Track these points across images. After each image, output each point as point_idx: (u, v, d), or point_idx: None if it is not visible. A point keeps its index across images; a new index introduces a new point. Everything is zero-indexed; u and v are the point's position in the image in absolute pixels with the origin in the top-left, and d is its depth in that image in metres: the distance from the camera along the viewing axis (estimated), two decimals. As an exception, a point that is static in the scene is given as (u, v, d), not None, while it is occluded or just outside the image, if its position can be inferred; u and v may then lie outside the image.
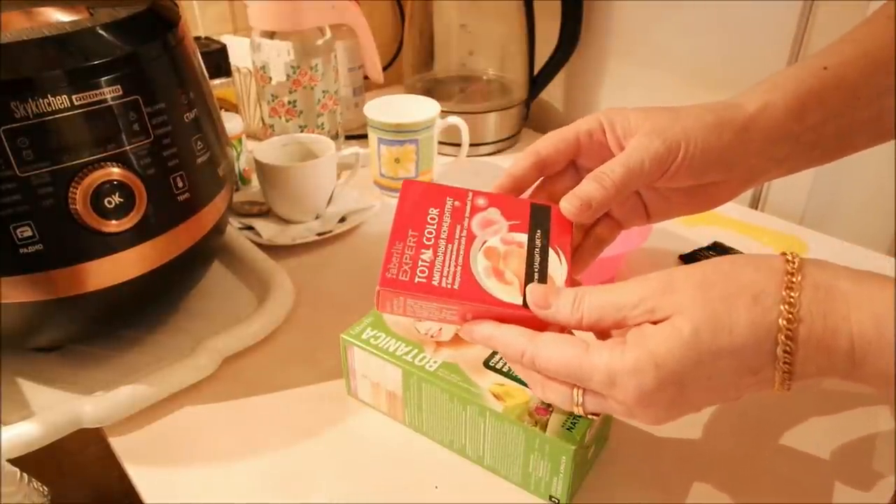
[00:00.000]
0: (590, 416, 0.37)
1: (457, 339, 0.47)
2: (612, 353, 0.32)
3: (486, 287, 0.36)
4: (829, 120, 0.38)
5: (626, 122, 0.38)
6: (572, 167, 0.42)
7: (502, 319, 0.36)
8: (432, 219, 0.39)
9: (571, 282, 0.37)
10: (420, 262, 0.37)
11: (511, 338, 0.35)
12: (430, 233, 0.38)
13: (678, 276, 0.32)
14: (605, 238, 0.42)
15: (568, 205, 0.38)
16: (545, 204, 0.40)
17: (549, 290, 0.35)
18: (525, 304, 0.36)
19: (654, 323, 0.32)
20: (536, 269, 0.37)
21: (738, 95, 0.39)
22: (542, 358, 0.33)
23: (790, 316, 0.29)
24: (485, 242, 0.38)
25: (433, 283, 0.36)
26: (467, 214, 0.39)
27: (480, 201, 0.40)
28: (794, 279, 0.30)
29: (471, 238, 0.38)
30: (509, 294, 0.36)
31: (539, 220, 0.39)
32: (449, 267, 0.37)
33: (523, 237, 0.38)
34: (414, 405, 0.47)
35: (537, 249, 0.38)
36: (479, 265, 0.37)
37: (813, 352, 0.29)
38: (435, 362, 0.45)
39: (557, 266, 0.37)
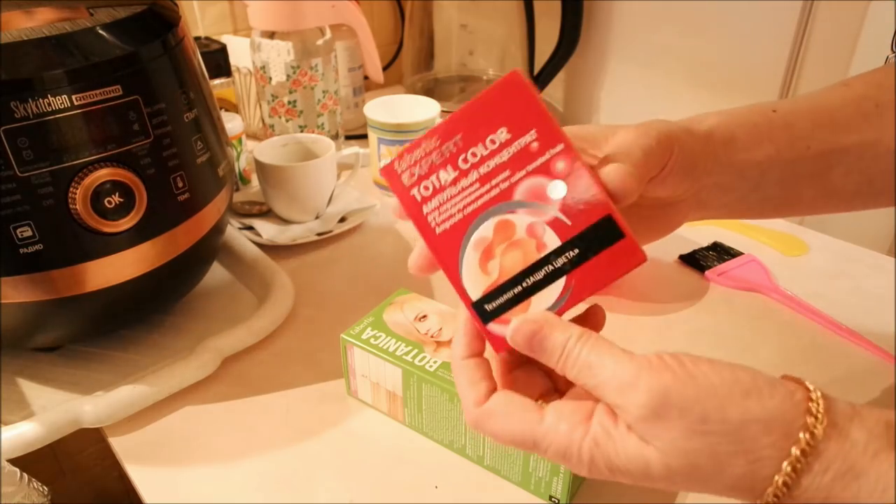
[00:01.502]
0: None
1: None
2: (571, 434, 0.29)
3: (461, 257, 0.31)
4: (775, 165, 0.38)
5: (599, 132, 0.36)
6: None
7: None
8: (492, 141, 0.31)
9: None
10: (433, 177, 0.31)
11: (460, 387, 0.32)
12: (474, 155, 0.31)
13: (674, 399, 0.27)
14: None
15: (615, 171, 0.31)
16: (623, 228, 0.30)
17: (536, 333, 0.30)
18: (474, 306, 0.31)
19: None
20: (523, 285, 0.31)
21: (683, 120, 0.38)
22: (488, 432, 0.30)
23: (781, 493, 0.26)
24: (511, 213, 0.31)
25: (423, 208, 0.32)
26: (531, 168, 0.31)
27: (560, 165, 0.30)
28: (803, 460, 0.26)
29: (504, 196, 0.31)
30: (474, 283, 0.31)
31: (592, 240, 0.30)
32: (452, 207, 0.31)
33: (554, 242, 0.30)
34: (414, 405, 0.47)
35: (549, 267, 0.31)
36: (479, 231, 0.31)
37: None
38: (435, 362, 0.45)
39: (549, 300, 0.31)
